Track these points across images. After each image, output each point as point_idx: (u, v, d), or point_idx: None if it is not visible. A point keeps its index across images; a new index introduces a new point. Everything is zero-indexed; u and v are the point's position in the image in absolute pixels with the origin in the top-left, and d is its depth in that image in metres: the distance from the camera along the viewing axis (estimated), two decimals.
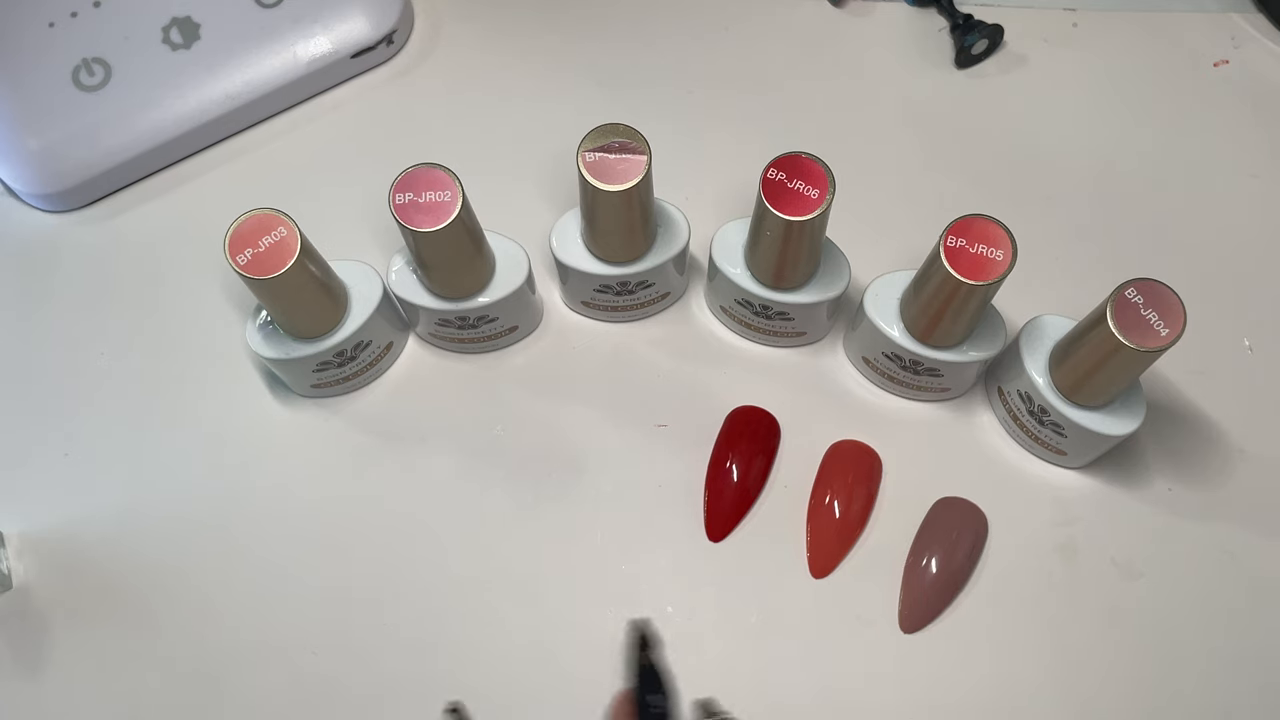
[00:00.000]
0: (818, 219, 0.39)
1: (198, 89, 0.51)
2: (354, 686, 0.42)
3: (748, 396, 0.46)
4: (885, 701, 0.42)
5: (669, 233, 0.44)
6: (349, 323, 0.43)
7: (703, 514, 0.44)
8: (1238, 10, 0.55)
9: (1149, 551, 0.44)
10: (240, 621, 0.43)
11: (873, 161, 0.51)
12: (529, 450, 0.46)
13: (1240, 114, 0.52)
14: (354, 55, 0.53)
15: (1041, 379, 0.42)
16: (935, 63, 0.54)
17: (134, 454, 0.46)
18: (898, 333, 0.43)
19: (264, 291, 0.39)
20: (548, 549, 0.44)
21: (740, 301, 0.45)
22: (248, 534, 0.45)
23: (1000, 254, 0.38)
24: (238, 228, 0.39)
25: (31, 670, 0.43)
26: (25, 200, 0.51)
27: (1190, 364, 0.46)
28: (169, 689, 0.42)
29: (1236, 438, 0.46)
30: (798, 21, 0.55)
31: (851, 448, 0.45)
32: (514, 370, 0.48)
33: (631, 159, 0.39)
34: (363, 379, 0.47)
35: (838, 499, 0.44)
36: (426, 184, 0.39)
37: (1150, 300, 0.37)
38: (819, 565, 0.43)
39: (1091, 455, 0.44)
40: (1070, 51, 0.54)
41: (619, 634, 0.42)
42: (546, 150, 0.51)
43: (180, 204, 0.51)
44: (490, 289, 0.44)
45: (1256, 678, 0.42)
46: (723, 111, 0.53)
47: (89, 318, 0.49)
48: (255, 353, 0.43)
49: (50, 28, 0.50)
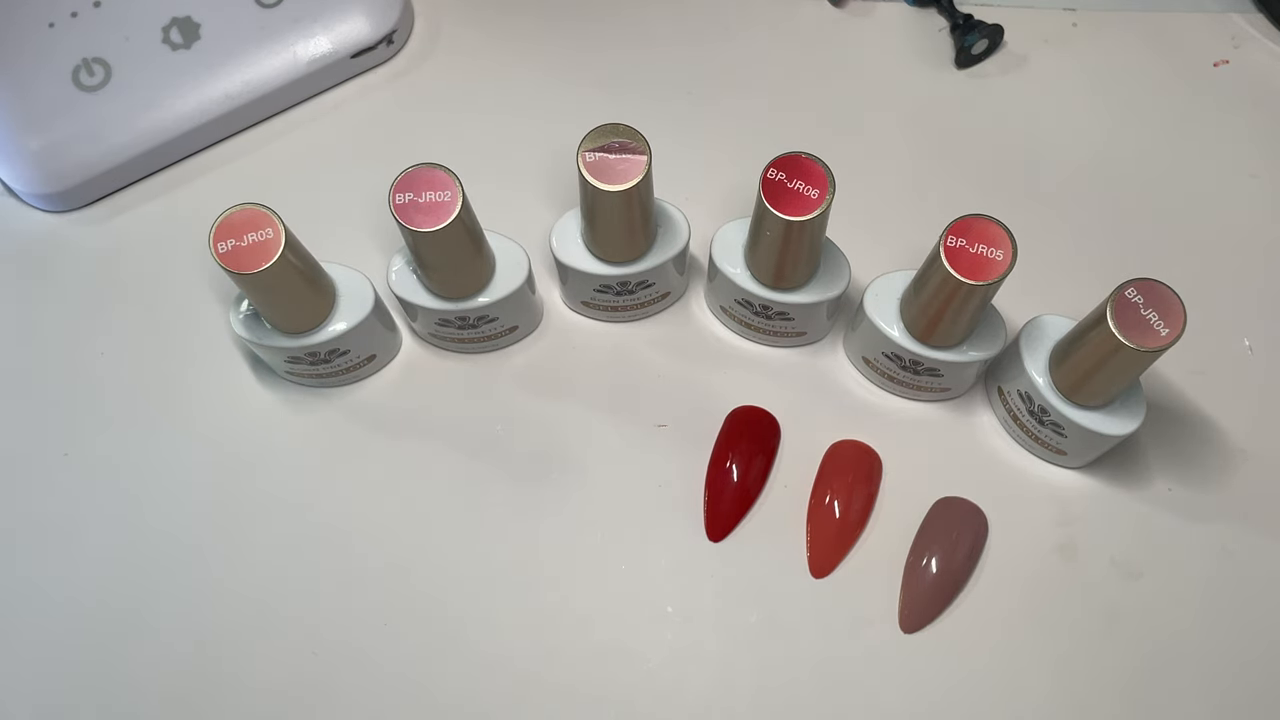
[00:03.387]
0: (818, 219, 0.39)
1: (198, 89, 0.51)
2: (354, 686, 0.42)
3: (748, 396, 0.46)
4: (885, 701, 0.42)
5: (669, 233, 0.44)
6: (327, 328, 0.43)
7: (703, 514, 0.44)
8: (1238, 10, 0.55)
9: (1149, 551, 0.44)
10: (240, 621, 0.43)
11: (873, 161, 0.51)
12: (529, 450, 0.46)
13: (1240, 114, 0.52)
14: (354, 55, 0.53)
15: (1041, 379, 0.42)
16: (935, 63, 0.54)
17: (134, 454, 0.46)
18: (898, 333, 0.43)
19: (240, 283, 0.40)
20: (547, 548, 0.44)
21: (740, 301, 0.45)
22: (247, 533, 0.45)
23: (1000, 254, 0.38)
24: (228, 217, 0.39)
25: (30, 669, 0.43)
26: (25, 200, 0.51)
27: (1190, 364, 0.46)
28: (169, 689, 0.42)
29: (1236, 438, 0.46)
30: (798, 21, 0.55)
31: (851, 448, 0.45)
32: (514, 370, 0.48)
33: (631, 159, 0.39)
34: (340, 379, 0.47)
35: (838, 499, 0.44)
36: (426, 184, 0.39)
37: (1150, 300, 0.37)
38: (819, 565, 0.43)
39: (1091, 455, 0.44)
40: (1070, 51, 0.54)
41: (617, 634, 0.42)
42: (546, 150, 0.51)
43: (180, 204, 0.51)
44: (490, 289, 0.44)
45: (1257, 678, 0.42)
46: (723, 111, 0.53)
47: (89, 318, 0.49)
48: (232, 329, 0.43)
49: (50, 28, 0.50)
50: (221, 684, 0.42)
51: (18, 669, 0.43)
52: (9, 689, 0.43)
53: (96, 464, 0.46)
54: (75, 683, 0.43)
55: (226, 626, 0.43)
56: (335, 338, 0.43)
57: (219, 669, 0.43)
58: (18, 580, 0.44)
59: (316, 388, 0.47)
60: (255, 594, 0.44)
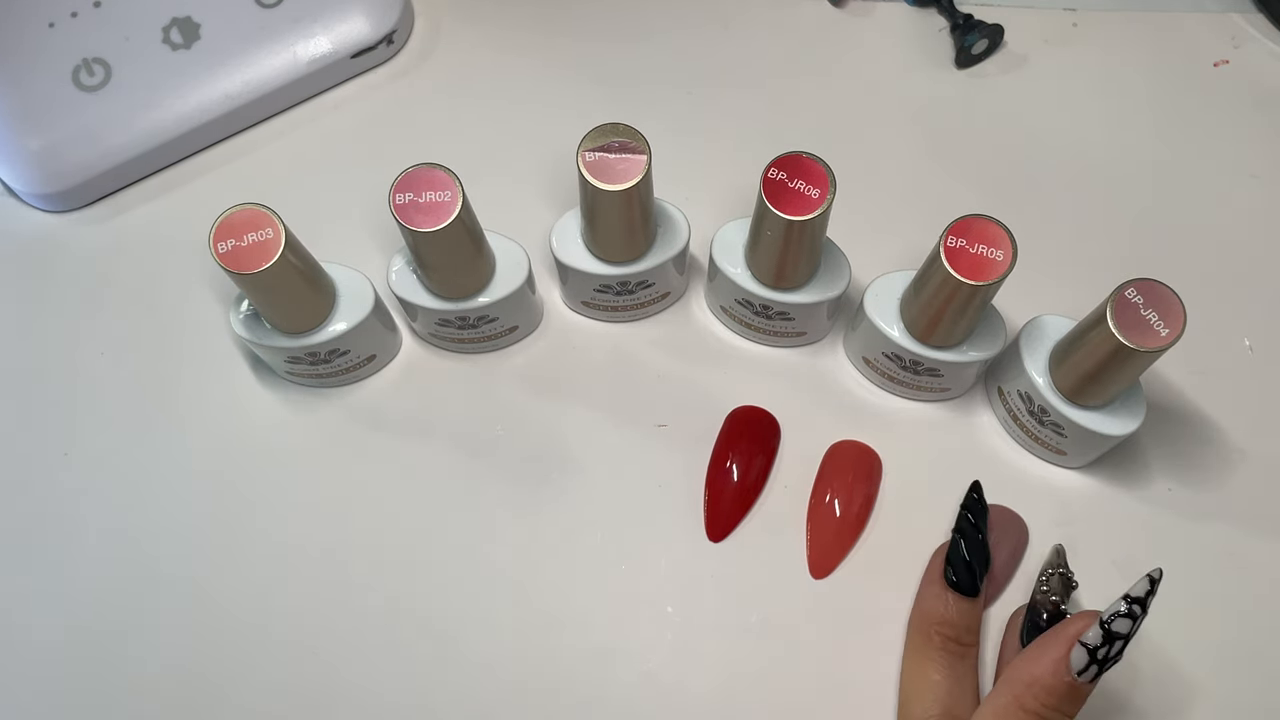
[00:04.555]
0: (818, 219, 0.39)
1: (198, 89, 0.51)
2: (354, 686, 0.42)
3: (748, 396, 0.46)
4: (885, 701, 0.42)
5: (669, 233, 0.44)
6: (327, 328, 0.43)
7: (703, 514, 0.44)
8: (1238, 10, 0.55)
9: (1149, 551, 0.44)
10: (240, 621, 0.43)
11: (873, 161, 0.51)
12: (529, 450, 0.46)
13: (1240, 114, 0.52)
14: (354, 55, 0.53)
15: (1041, 379, 0.42)
16: (935, 63, 0.54)
17: (134, 454, 0.46)
18: (898, 333, 0.43)
19: (240, 283, 0.40)
20: (547, 549, 0.44)
21: (740, 301, 0.45)
22: (247, 533, 0.45)
23: (1000, 254, 0.38)
24: (228, 217, 0.39)
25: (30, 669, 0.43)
26: (25, 200, 0.51)
27: (1190, 364, 0.46)
28: (169, 689, 0.42)
29: (1236, 438, 0.46)
30: (798, 21, 0.55)
31: (851, 448, 0.45)
32: (514, 370, 0.48)
33: (631, 159, 0.39)
34: (340, 379, 0.46)
35: (838, 499, 0.44)
36: (426, 184, 0.39)
37: (1150, 300, 0.37)
38: (819, 565, 0.43)
39: (1091, 455, 0.44)
40: (1070, 51, 0.54)
41: (617, 634, 0.42)
42: (546, 150, 0.51)
43: (180, 204, 0.51)
44: (490, 289, 0.44)
45: (1257, 678, 0.42)
46: (723, 111, 0.53)
47: (89, 318, 0.49)
48: (232, 329, 0.43)
49: (50, 28, 0.50)
50: (221, 683, 0.42)
51: (18, 669, 0.43)
52: (9, 689, 0.43)
53: (96, 464, 0.46)
54: (75, 683, 0.43)
55: (226, 626, 0.43)
56: (335, 338, 0.43)
57: (219, 668, 0.43)
58: (18, 580, 0.44)
59: (316, 388, 0.47)
60: (255, 593, 0.44)
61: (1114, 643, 0.34)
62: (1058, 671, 0.34)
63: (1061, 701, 0.34)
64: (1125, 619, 0.34)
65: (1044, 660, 0.34)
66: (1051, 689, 0.34)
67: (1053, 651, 0.34)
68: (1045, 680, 0.34)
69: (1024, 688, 0.35)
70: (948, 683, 0.39)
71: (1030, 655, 0.35)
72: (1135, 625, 0.34)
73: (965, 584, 0.40)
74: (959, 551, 0.40)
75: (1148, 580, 0.34)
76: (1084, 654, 0.34)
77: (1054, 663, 0.34)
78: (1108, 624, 0.34)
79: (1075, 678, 0.34)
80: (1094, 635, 0.34)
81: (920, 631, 0.40)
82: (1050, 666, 0.34)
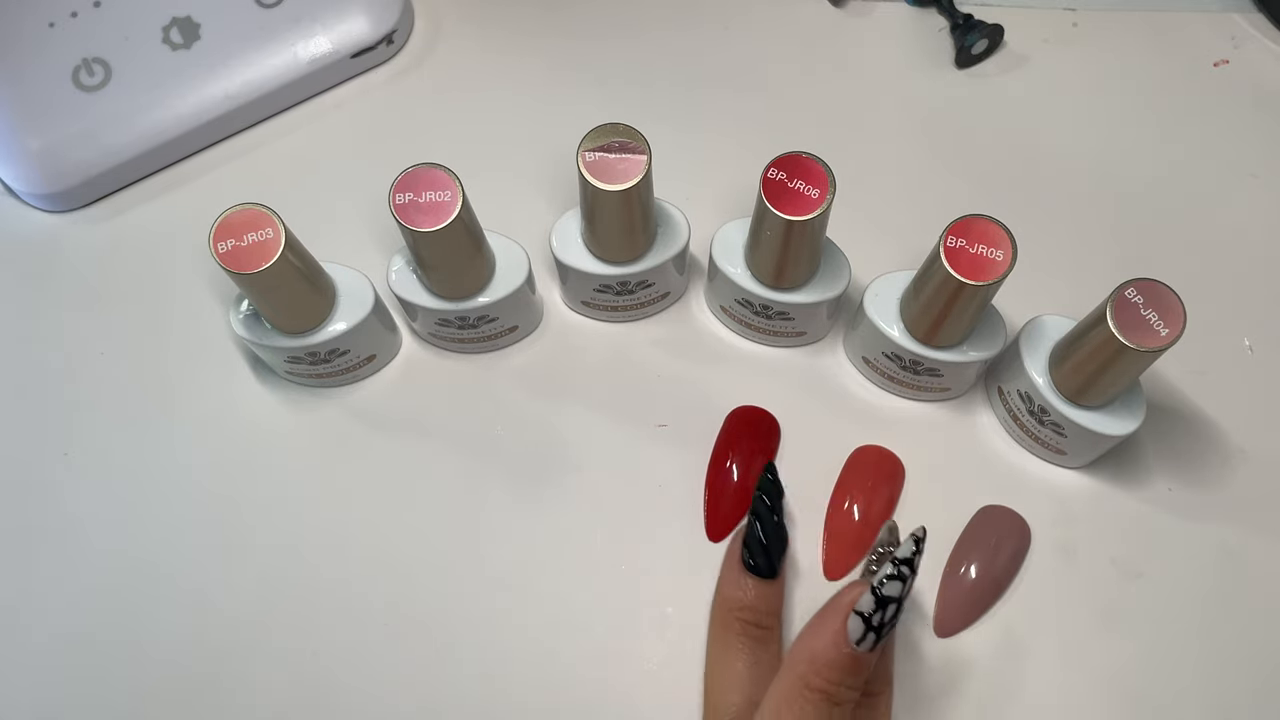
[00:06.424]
0: (818, 219, 0.39)
1: (198, 89, 0.51)
2: (353, 687, 0.42)
3: (748, 396, 0.46)
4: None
5: (669, 233, 0.44)
6: (327, 328, 0.43)
7: (703, 514, 0.44)
8: (1238, 10, 0.55)
9: (1149, 551, 0.44)
10: (240, 620, 0.43)
11: (873, 161, 0.51)
12: (529, 450, 0.46)
13: (1240, 114, 0.53)
14: (354, 55, 0.53)
15: (1041, 379, 0.42)
16: (935, 63, 0.54)
17: (134, 454, 0.46)
18: (898, 333, 0.43)
19: (240, 283, 0.40)
20: (547, 549, 0.44)
21: (740, 301, 0.45)
22: (248, 534, 0.45)
23: (1000, 254, 0.38)
24: (228, 217, 0.39)
25: (31, 669, 0.43)
26: (25, 200, 0.51)
27: (1190, 364, 0.46)
28: (168, 688, 0.42)
29: (1236, 438, 0.46)
30: (798, 21, 0.55)
31: (875, 453, 0.45)
32: (514, 370, 0.48)
33: (631, 159, 0.39)
34: (340, 379, 0.46)
35: (857, 504, 0.44)
36: (426, 184, 0.39)
37: (1150, 300, 0.37)
38: (833, 567, 0.43)
39: (1091, 455, 0.44)
40: (1070, 51, 0.54)
41: (617, 634, 0.42)
42: (546, 150, 0.51)
43: (180, 204, 0.51)
44: (490, 289, 0.44)
45: (1256, 678, 0.42)
46: (723, 111, 0.53)
47: (89, 317, 0.49)
48: (232, 329, 0.43)
49: (50, 28, 0.50)
50: (221, 683, 0.42)
51: (17, 669, 0.43)
52: (9, 689, 0.43)
53: (96, 464, 0.46)
54: (75, 683, 0.43)
55: (226, 626, 0.43)
56: (335, 338, 0.43)
57: (219, 668, 0.43)
58: (17, 580, 0.44)
59: (316, 388, 0.47)
60: (255, 593, 0.44)
61: (887, 608, 0.33)
62: (838, 644, 0.34)
63: (845, 675, 0.34)
64: (896, 581, 0.33)
65: (823, 634, 0.34)
66: (833, 663, 0.34)
67: (830, 624, 0.34)
68: (827, 654, 0.34)
69: (806, 665, 0.34)
70: (750, 671, 0.39)
71: (808, 632, 0.35)
72: (906, 587, 0.34)
73: (763, 567, 0.39)
74: (755, 533, 0.40)
75: (913, 540, 0.34)
76: (860, 622, 0.33)
77: (833, 634, 0.34)
78: (878, 589, 0.33)
79: (855, 648, 0.33)
80: (866, 602, 0.33)
81: (721, 618, 0.40)
82: (830, 639, 0.34)
